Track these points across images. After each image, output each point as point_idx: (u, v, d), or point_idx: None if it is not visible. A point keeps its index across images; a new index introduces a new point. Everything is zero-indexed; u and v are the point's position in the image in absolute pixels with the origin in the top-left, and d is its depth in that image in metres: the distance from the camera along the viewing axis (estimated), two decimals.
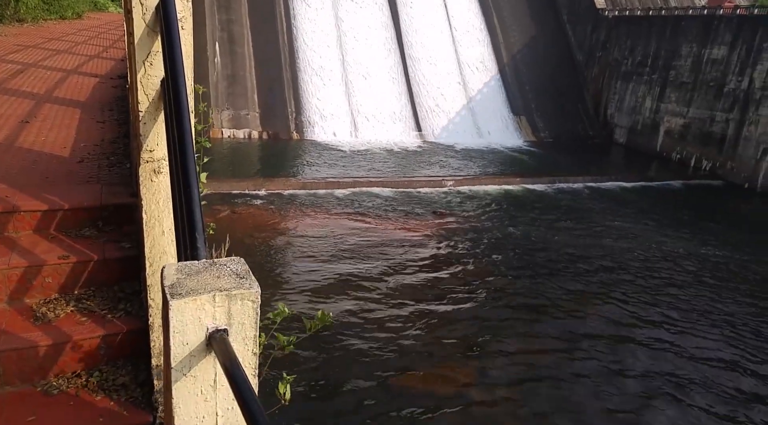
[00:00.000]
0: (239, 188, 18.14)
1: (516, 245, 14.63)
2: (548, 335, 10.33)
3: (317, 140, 24.94)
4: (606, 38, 27.57)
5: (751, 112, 20.66)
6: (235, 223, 15.21)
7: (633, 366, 9.38)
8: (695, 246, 15.04)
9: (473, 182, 19.91)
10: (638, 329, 10.60)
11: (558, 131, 26.99)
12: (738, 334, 10.62)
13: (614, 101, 27.09)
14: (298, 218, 15.89)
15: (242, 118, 25.50)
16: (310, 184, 18.82)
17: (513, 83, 27.90)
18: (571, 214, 17.31)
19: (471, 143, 25.49)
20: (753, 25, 20.90)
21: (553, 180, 20.33)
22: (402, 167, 21.72)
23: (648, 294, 12.03)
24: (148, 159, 2.68)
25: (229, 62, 25.89)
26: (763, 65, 20.35)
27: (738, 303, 11.86)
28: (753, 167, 20.43)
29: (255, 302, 1.63)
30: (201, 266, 1.75)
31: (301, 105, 25.94)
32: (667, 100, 24.33)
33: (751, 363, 9.65)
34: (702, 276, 13.17)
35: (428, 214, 16.69)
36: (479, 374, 9.01)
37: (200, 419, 1.61)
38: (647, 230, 16.13)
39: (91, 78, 9.43)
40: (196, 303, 1.56)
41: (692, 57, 23.22)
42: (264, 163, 22.40)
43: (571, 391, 8.67)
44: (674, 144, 23.81)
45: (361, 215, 16.41)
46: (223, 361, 1.49)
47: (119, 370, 2.59)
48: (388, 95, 26.48)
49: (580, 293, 11.97)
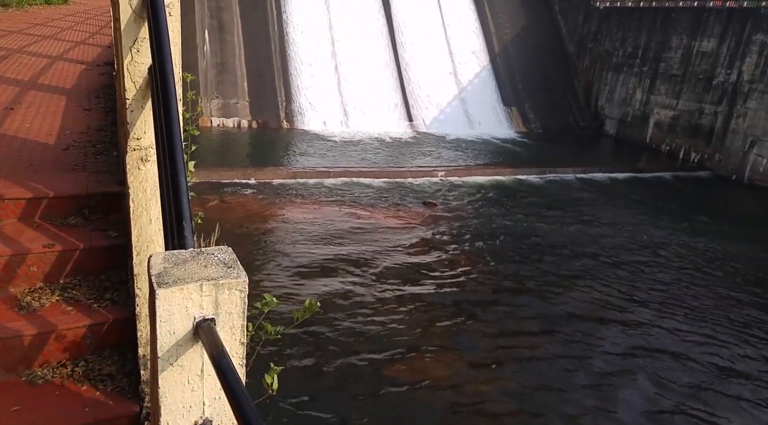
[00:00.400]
0: (229, 177, 18.02)
1: (506, 234, 14.71)
2: (537, 321, 10.44)
3: (307, 129, 24.81)
4: (597, 29, 27.58)
5: (739, 105, 20.83)
6: (225, 213, 15.13)
7: (619, 349, 9.54)
8: (682, 236, 15.21)
9: (464, 172, 19.93)
10: (625, 314, 10.75)
11: (549, 122, 27.05)
12: (719, 319, 10.82)
13: (605, 93, 27.17)
14: (288, 208, 15.84)
15: (232, 107, 25.28)
16: (300, 174, 18.74)
17: (504, 74, 27.87)
18: (561, 205, 17.42)
19: (462, 134, 25.49)
20: (742, 18, 21.00)
21: (544, 171, 20.40)
22: (393, 157, 21.68)
23: (635, 282, 12.19)
24: (135, 147, 2.65)
25: (219, 50, 25.59)
26: (751, 58, 20.48)
27: (721, 290, 12.07)
28: (740, 159, 20.64)
29: (242, 291, 1.62)
30: (188, 255, 1.73)
31: (291, 94, 25.74)
32: (657, 92, 24.45)
33: (731, 345, 9.82)
34: (687, 265, 13.36)
35: (419, 204, 16.71)
36: (470, 360, 9.10)
37: (187, 408, 1.60)
38: (636, 220, 16.28)
39: (78, 64, 9.28)
40: (183, 292, 1.55)
41: (682, 49, 23.32)
42: (253, 152, 22.26)
43: (560, 375, 8.79)
44: (664, 136, 23.96)
45: (351, 205, 16.39)
46: (210, 351, 1.48)
47: (105, 360, 2.57)
48: (380, 85, 26.35)
49: (569, 281, 12.09)
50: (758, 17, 20.38)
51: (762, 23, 20.21)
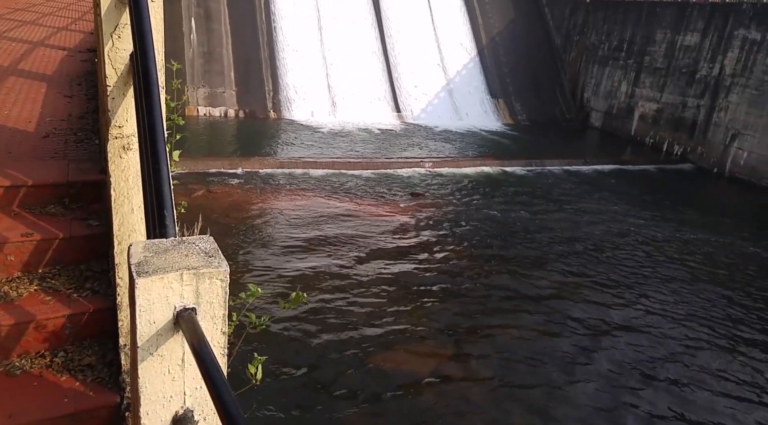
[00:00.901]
0: (215, 167, 17.87)
1: (493, 226, 14.79)
2: (525, 313, 10.55)
3: (295, 119, 24.66)
4: (584, 22, 27.67)
5: (721, 99, 21.08)
6: (211, 202, 15.02)
7: (606, 342, 9.68)
8: (664, 227, 15.43)
9: (451, 164, 19.97)
10: (611, 307, 10.90)
11: (535, 114, 27.16)
12: (699, 307, 11.04)
13: (591, 85, 27.32)
14: (275, 198, 15.76)
15: (218, 96, 25.01)
16: (287, 164, 18.64)
17: (491, 66, 27.88)
18: (546, 196, 17.55)
19: (449, 125, 25.51)
20: (724, 13, 21.21)
21: (530, 163, 20.52)
22: (380, 148, 21.65)
23: (620, 273, 12.37)
24: (116, 135, 2.61)
25: (206, 39, 25.26)
26: (733, 53, 20.71)
27: (701, 280, 12.31)
28: (721, 152, 20.92)
29: (224, 281, 1.61)
30: (169, 244, 1.72)
31: (279, 84, 25.53)
32: (641, 85, 24.64)
33: (712, 336, 10.03)
34: (667, 254, 13.60)
35: (406, 195, 16.73)
36: (457, 352, 9.17)
37: (167, 398, 1.59)
38: (620, 212, 16.47)
39: (59, 51, 9.10)
40: (164, 281, 1.54)
41: (666, 43, 23.51)
42: (240, 141, 22.08)
43: (548, 368, 8.90)
44: (648, 128, 24.19)
45: (338, 195, 16.35)
46: (191, 340, 1.47)
47: (85, 350, 2.54)
48: (368, 76, 26.23)
49: (555, 272, 12.22)
50: (740, 13, 20.60)
51: (743, 18, 20.43)
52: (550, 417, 7.88)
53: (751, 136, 19.90)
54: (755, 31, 19.97)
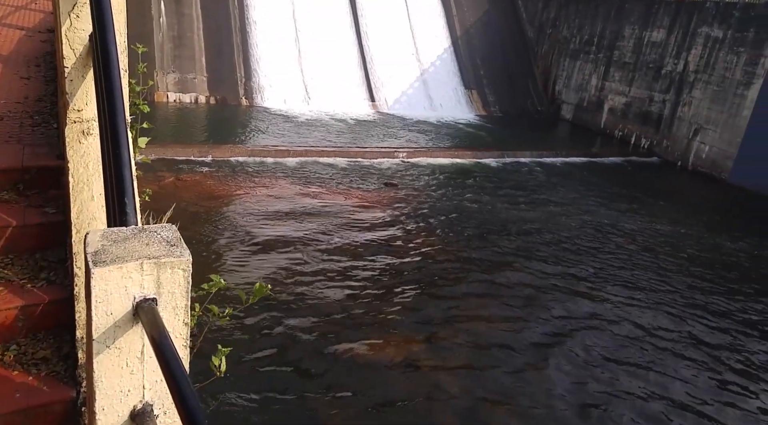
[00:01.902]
0: (184, 154, 17.50)
1: (465, 217, 14.91)
2: (496, 303, 10.69)
3: (267, 107, 24.31)
4: (556, 16, 27.95)
5: (685, 94, 21.62)
6: (180, 190, 14.73)
7: (575, 329, 9.88)
8: (631, 219, 15.83)
9: (425, 154, 20.02)
10: (580, 296, 11.13)
11: (508, 106, 27.39)
12: (664, 294, 11.40)
13: (562, 78, 27.67)
14: (246, 186, 15.55)
15: (189, 82, 24.46)
16: (258, 152, 18.38)
17: (465, 57, 27.95)
18: (518, 188, 17.77)
19: (423, 115, 25.53)
20: (689, 10, 21.73)
21: (503, 154, 20.71)
22: (354, 137, 21.54)
23: (589, 263, 12.66)
24: (75, 119, 2.51)
25: (176, 23, 24.61)
26: (696, 49, 21.24)
27: (666, 269, 12.72)
28: (685, 146, 21.50)
29: (186, 271, 1.56)
30: (129, 232, 1.66)
31: (251, 70, 25.10)
32: (611, 79, 25.07)
33: (678, 322, 10.35)
34: (636, 245, 13.96)
35: (380, 185, 16.71)
36: (429, 342, 9.23)
37: (125, 392, 1.54)
38: (589, 203, 16.80)
39: (17, 30, 8.72)
40: (122, 271, 1.48)
41: (634, 38, 23.95)
42: (211, 128, 21.67)
43: (519, 357, 9.04)
44: (617, 121, 24.67)
45: (311, 184, 16.23)
46: (151, 332, 1.42)
47: (40, 343, 2.44)
48: (342, 64, 26.00)
49: (526, 263, 12.40)
50: (703, 11, 21.13)
51: (707, 17, 20.96)
52: (520, 404, 8.02)
53: (712, 130, 20.49)
54: (717, 29, 20.50)
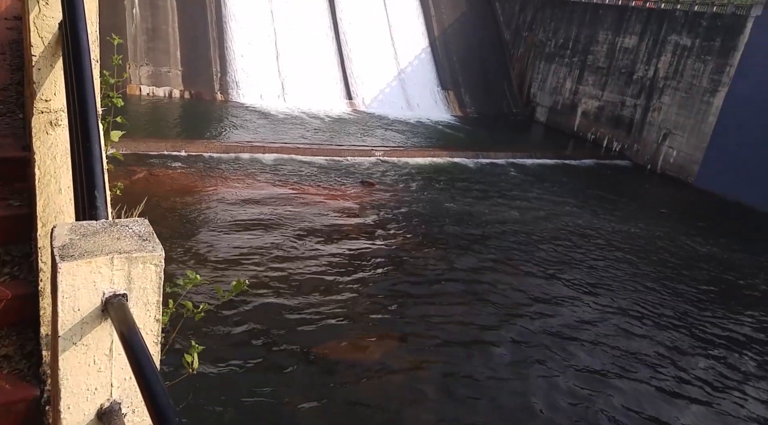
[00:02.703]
0: (157, 149, 17.19)
1: (440, 216, 14.99)
2: (469, 301, 10.77)
3: (243, 102, 24.03)
4: (532, 19, 28.30)
5: (655, 99, 22.15)
6: (152, 185, 14.46)
7: (545, 325, 10.02)
8: (601, 219, 16.16)
9: (402, 153, 20.07)
10: (552, 293, 11.31)
11: (484, 107, 27.64)
12: (622, 284, 11.75)
13: (537, 81, 28.04)
14: (220, 182, 15.35)
15: (163, 76, 24.00)
16: (233, 148, 18.16)
17: (443, 58, 28.10)
18: (492, 188, 17.95)
19: (400, 115, 25.58)
20: (659, 18, 22.27)
21: (478, 154, 20.90)
22: (331, 135, 21.46)
23: (562, 262, 12.86)
24: (43, 109, 2.43)
25: (150, 15, 24.12)
26: (666, 56, 21.80)
27: (633, 267, 13.03)
28: (654, 150, 22.03)
29: (158, 266, 1.52)
30: (99, 226, 1.61)
31: (227, 65, 24.77)
32: (585, 83, 25.51)
33: (644, 316, 10.60)
34: (604, 244, 14.30)
35: (356, 184, 16.68)
36: (404, 342, 9.25)
37: (92, 391, 1.49)
38: (561, 204, 17.07)
39: None
40: (91, 265, 1.44)
41: (607, 44, 24.43)
42: (185, 123, 21.33)
43: (491, 354, 9.12)
44: (590, 125, 25.11)
45: (286, 182, 16.10)
46: (121, 328, 1.39)
47: (2, 341, 2.35)
48: (320, 61, 25.86)
49: (499, 261, 12.54)
50: (673, 19, 21.69)
51: (676, 25, 21.55)
52: (491, 398, 8.11)
53: (680, 135, 21.04)
54: (686, 37, 21.07)
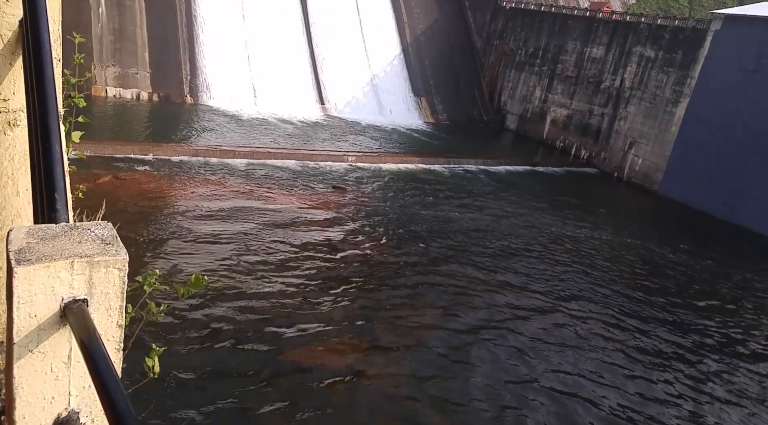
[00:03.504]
0: (124, 152, 16.82)
1: (412, 222, 15.04)
2: (438, 307, 10.82)
3: (213, 106, 23.73)
4: (503, 28, 28.80)
5: (621, 109, 22.79)
6: (118, 189, 14.14)
7: (510, 330, 10.14)
8: (568, 225, 16.47)
9: (374, 159, 20.10)
10: (517, 297, 11.44)
11: (455, 114, 27.94)
12: (596, 294, 11.90)
13: (507, 89, 28.51)
14: (189, 187, 15.09)
15: (130, 77, 23.51)
16: (203, 152, 17.90)
17: (415, 64, 28.32)
18: (464, 194, 18.12)
19: (373, 120, 25.65)
20: (625, 30, 22.98)
21: (449, 161, 21.10)
22: (303, 139, 21.36)
23: (530, 268, 13.03)
24: (1, 109, 2.34)
25: (117, 15, 23.62)
26: (631, 67, 22.48)
27: (600, 272, 13.30)
28: (621, 158, 22.62)
29: (122, 270, 1.47)
30: (59, 230, 1.55)
31: (198, 68, 24.43)
32: (554, 92, 26.05)
33: (607, 320, 10.82)
34: (571, 250, 14.54)
35: (328, 188, 16.62)
36: (368, 347, 9.22)
37: (48, 400, 1.43)
38: (530, 211, 17.35)
39: None
40: (49, 270, 1.38)
41: (576, 54, 25.04)
42: (153, 126, 20.94)
43: (456, 360, 9.16)
44: (559, 133, 25.64)
45: (257, 186, 15.94)
46: (80, 335, 1.34)
47: None
48: (292, 65, 25.75)
49: (470, 269, 12.63)
50: (638, 31, 22.43)
51: (641, 37, 22.28)
52: (461, 401, 8.14)
53: (645, 144, 21.68)
54: (650, 49, 21.78)
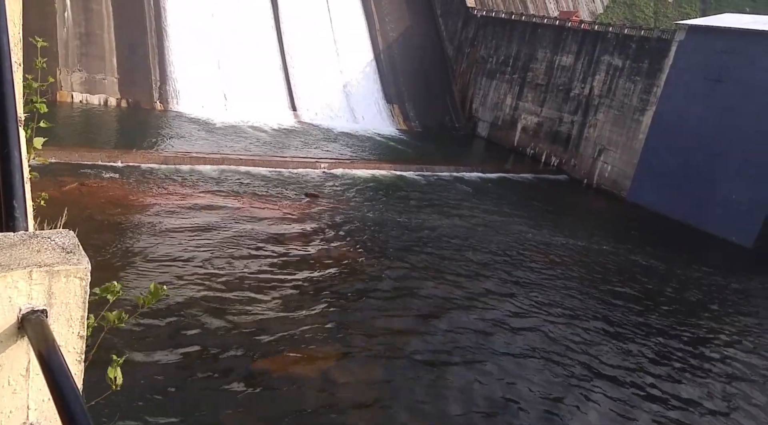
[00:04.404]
0: (91, 159, 16.42)
1: (385, 229, 15.05)
2: (409, 314, 10.82)
3: (183, 112, 23.39)
4: (474, 36, 29.20)
5: (590, 116, 23.29)
6: (84, 197, 13.79)
7: (479, 335, 10.20)
8: (539, 231, 16.73)
9: (347, 166, 20.08)
10: (489, 303, 11.53)
11: (427, 121, 28.16)
12: (564, 297, 12.10)
13: (479, 96, 28.89)
14: (158, 194, 14.81)
15: (98, 83, 23.01)
16: (173, 159, 17.60)
17: (388, 71, 28.47)
18: (437, 201, 18.23)
19: (346, 127, 25.65)
20: (593, 39, 23.55)
21: (422, 168, 21.22)
22: (275, 146, 21.21)
23: (502, 275, 13.16)
24: None
25: (83, 19, 23.13)
26: (600, 76, 23.02)
27: (567, 279, 13.50)
28: (590, 165, 23.10)
29: (83, 280, 1.43)
30: (17, 238, 1.50)
31: (167, 73, 24.06)
32: (524, 99, 26.50)
33: (575, 319, 11.00)
34: (541, 256, 14.76)
35: (300, 195, 16.51)
36: (341, 355, 9.17)
37: (6, 414, 1.38)
38: (502, 217, 17.55)
39: None
40: (6, 280, 1.34)
41: (546, 62, 25.53)
42: (122, 133, 20.53)
43: (428, 367, 9.17)
44: (529, 140, 26.05)
45: (228, 193, 15.74)
46: (38, 347, 1.29)
47: None
48: (263, 72, 25.58)
49: (441, 275, 12.68)
50: (605, 41, 23.02)
51: (608, 46, 22.86)
52: (430, 412, 8.15)
53: (613, 151, 22.19)
54: (617, 58, 22.36)
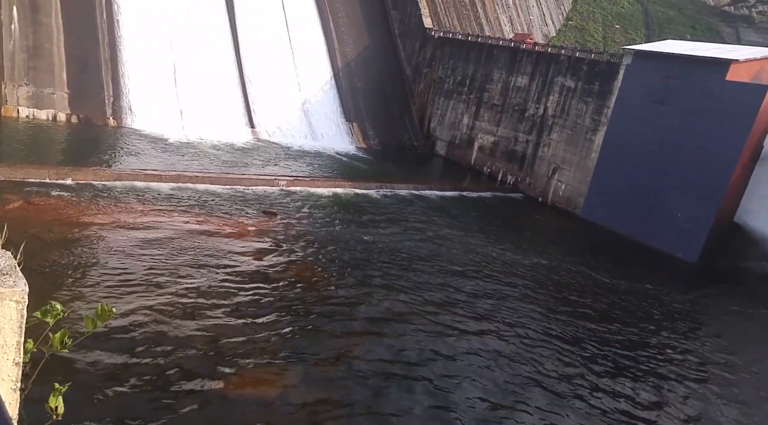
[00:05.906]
0: (38, 176, 15.82)
1: (343, 246, 15.05)
2: (368, 333, 10.82)
3: (138, 129, 22.87)
4: (432, 56, 29.83)
5: (545, 136, 24.04)
6: (31, 215, 13.26)
7: (440, 353, 10.27)
8: (496, 249, 17.03)
9: (306, 183, 20.02)
10: (448, 323, 11.64)
11: (386, 139, 28.46)
12: (517, 312, 12.35)
13: (437, 116, 29.43)
14: (110, 213, 14.38)
15: (46, 98, 22.28)
16: (126, 176, 17.14)
17: (347, 90, 28.70)
18: (395, 219, 18.37)
19: (305, 145, 25.62)
20: (547, 61, 24.41)
21: (380, 186, 21.36)
22: (233, 163, 20.96)
23: (459, 291, 13.31)
24: None
25: (31, 32, 22.43)
26: (554, 96, 23.85)
27: (523, 293, 13.78)
28: (545, 184, 23.77)
29: (20, 303, 1.43)
30: None
31: (121, 89, 23.53)
32: (481, 119, 27.15)
33: (528, 334, 11.23)
34: (498, 271, 15.01)
35: (258, 213, 16.34)
36: (300, 375, 9.08)
37: None
38: (459, 234, 17.82)
39: None
40: None
41: (502, 82, 26.29)
42: (72, 149, 19.88)
43: (388, 385, 9.18)
44: (486, 159, 26.64)
45: (183, 211, 15.43)
46: None
47: None
48: (221, 89, 25.36)
49: (398, 292, 12.75)
50: (558, 63, 23.90)
51: (561, 68, 23.74)
52: None
53: (567, 170, 22.94)
54: (570, 79, 23.24)
